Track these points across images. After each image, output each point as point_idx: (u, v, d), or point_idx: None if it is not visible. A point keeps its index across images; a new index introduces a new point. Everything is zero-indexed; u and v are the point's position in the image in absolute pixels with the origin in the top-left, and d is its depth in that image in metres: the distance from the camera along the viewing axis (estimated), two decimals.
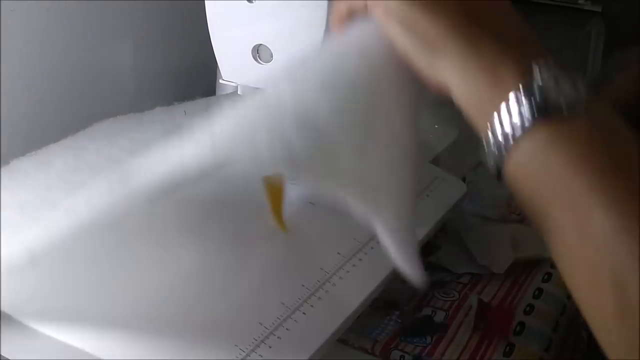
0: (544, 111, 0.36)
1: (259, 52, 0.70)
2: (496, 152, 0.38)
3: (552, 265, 0.83)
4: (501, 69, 0.38)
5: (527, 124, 0.36)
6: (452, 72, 0.40)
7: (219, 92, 0.99)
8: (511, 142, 0.37)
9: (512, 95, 0.37)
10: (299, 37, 0.68)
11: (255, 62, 0.71)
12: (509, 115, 0.37)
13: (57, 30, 0.83)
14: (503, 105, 0.37)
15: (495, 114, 0.37)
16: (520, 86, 0.37)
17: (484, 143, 0.39)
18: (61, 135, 0.71)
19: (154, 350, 0.48)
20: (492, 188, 0.91)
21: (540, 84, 0.37)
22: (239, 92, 0.75)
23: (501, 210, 0.92)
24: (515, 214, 0.92)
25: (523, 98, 0.37)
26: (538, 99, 0.36)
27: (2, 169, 0.64)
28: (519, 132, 0.37)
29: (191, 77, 1.03)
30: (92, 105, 0.90)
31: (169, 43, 1.01)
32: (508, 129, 0.37)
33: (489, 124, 0.38)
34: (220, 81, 0.77)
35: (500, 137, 0.38)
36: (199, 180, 0.44)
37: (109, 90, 0.94)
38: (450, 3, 0.40)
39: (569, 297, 0.81)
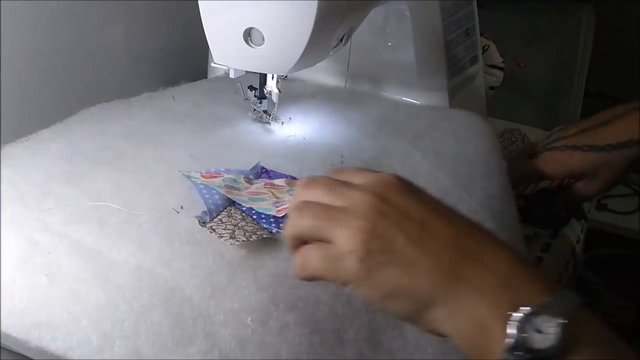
0: (534, 354, 0.39)
1: (251, 36, 0.71)
2: None
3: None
4: (488, 322, 0.41)
5: None
6: (444, 326, 0.43)
7: (210, 75, 1.00)
8: None
9: (502, 348, 0.40)
10: (291, 20, 0.69)
11: (246, 45, 0.71)
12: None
13: (48, 12, 0.84)
14: (498, 353, 0.40)
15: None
16: (506, 342, 0.39)
17: None
18: (51, 118, 0.73)
19: None
20: None
21: (525, 335, 0.39)
22: (230, 76, 0.76)
23: None
24: None
25: (516, 350, 0.39)
26: (523, 353, 0.39)
27: None
28: None
29: (182, 60, 1.04)
30: (83, 87, 0.92)
31: (160, 26, 1.02)
32: None
33: None
34: (212, 64, 0.78)
35: None
36: None
37: (100, 73, 0.95)
38: (427, 259, 0.43)
39: (558, 282, 0.83)
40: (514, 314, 0.39)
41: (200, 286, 0.51)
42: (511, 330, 0.39)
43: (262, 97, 0.80)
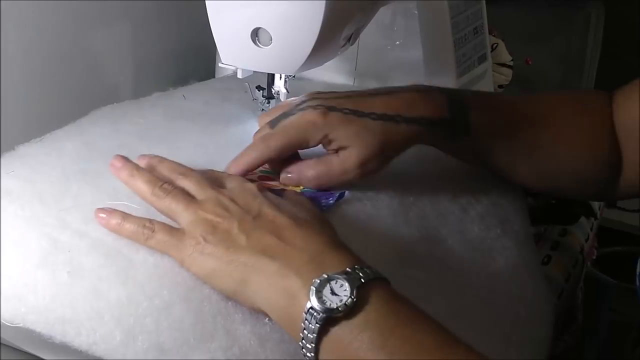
0: (328, 313, 0.46)
1: (258, 36, 0.72)
2: (307, 355, 0.48)
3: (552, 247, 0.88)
4: (295, 292, 0.48)
5: (314, 328, 0.46)
6: (259, 301, 0.51)
7: (218, 75, 1.02)
8: (312, 345, 0.47)
9: (304, 310, 0.47)
10: (298, 20, 0.69)
11: (254, 45, 0.72)
12: (307, 323, 0.47)
13: (57, 12, 0.86)
14: (302, 318, 0.47)
15: (302, 324, 0.47)
16: (307, 301, 0.47)
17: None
18: (60, 119, 0.74)
19: None
20: None
21: (321, 296, 0.47)
22: (238, 76, 0.78)
23: None
24: None
25: (311, 310, 0.47)
26: (318, 307, 0.46)
27: (8, 154, 0.67)
28: (313, 335, 0.47)
29: (190, 60, 1.06)
30: (93, 88, 0.93)
31: (168, 27, 1.04)
32: (309, 335, 0.47)
33: (300, 335, 0.47)
34: (220, 65, 0.79)
35: (306, 343, 0.47)
36: None
37: (108, 74, 0.96)
38: (248, 243, 0.52)
39: (566, 280, 0.85)
40: (314, 280, 0.47)
41: None
42: (311, 294, 0.47)
43: (270, 97, 0.81)
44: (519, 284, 0.64)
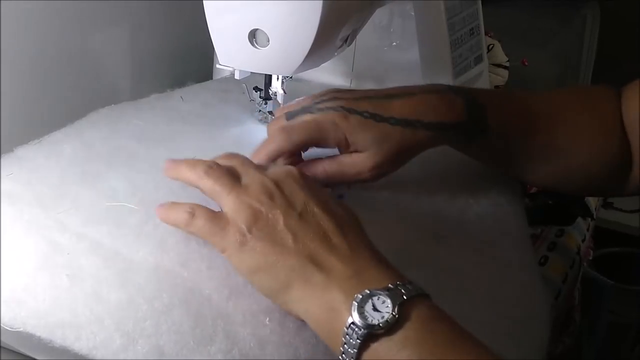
0: (369, 329, 0.46)
1: (256, 37, 0.72)
2: None
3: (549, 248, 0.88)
4: (337, 306, 0.48)
5: (355, 343, 0.46)
6: (298, 309, 0.50)
7: (215, 76, 1.02)
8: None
9: (345, 325, 0.47)
10: (296, 21, 0.69)
11: (251, 46, 0.72)
12: (348, 338, 0.47)
13: (54, 14, 0.85)
14: (343, 333, 0.47)
15: (343, 339, 0.47)
16: (349, 316, 0.47)
17: None
18: (58, 121, 0.74)
19: None
20: None
21: (362, 309, 0.47)
22: (236, 77, 0.78)
23: None
24: None
25: (352, 325, 0.47)
26: (359, 322, 0.46)
27: (7, 156, 0.67)
28: (354, 351, 0.46)
29: (188, 61, 1.06)
30: (90, 90, 0.93)
31: (165, 28, 1.04)
32: (349, 350, 0.47)
33: (340, 349, 0.47)
34: (217, 66, 0.79)
35: (347, 358, 0.47)
36: None
37: (106, 75, 0.96)
38: (295, 244, 0.51)
39: (563, 281, 0.85)
40: (357, 295, 0.47)
41: (218, 287, 0.53)
42: (353, 310, 0.47)
43: (267, 98, 0.82)
44: (517, 285, 0.64)
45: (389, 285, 0.48)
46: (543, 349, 0.61)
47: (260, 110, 0.83)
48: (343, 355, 0.47)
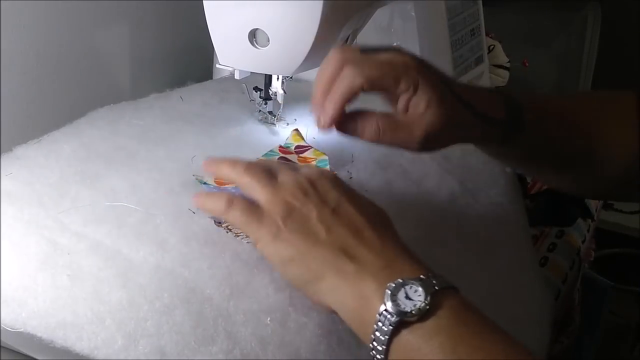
0: (401, 316, 0.47)
1: (256, 37, 0.72)
2: (377, 356, 0.48)
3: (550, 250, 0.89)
4: (369, 295, 0.49)
5: (387, 330, 0.48)
6: (330, 299, 0.51)
7: (215, 76, 1.02)
8: (384, 347, 0.48)
9: (378, 312, 0.48)
10: (296, 21, 0.70)
11: (251, 46, 0.72)
12: (380, 325, 0.48)
13: (53, 14, 0.86)
14: (375, 320, 0.48)
15: (375, 326, 0.48)
16: (381, 304, 0.48)
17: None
18: (57, 120, 0.74)
19: None
20: None
21: (394, 297, 0.48)
22: (236, 77, 0.78)
23: None
24: None
25: (385, 312, 0.48)
26: (392, 309, 0.47)
27: (6, 156, 0.67)
28: (385, 337, 0.48)
29: (188, 61, 1.06)
30: (90, 89, 0.93)
31: (165, 28, 1.04)
32: (381, 337, 0.48)
33: (371, 337, 0.48)
34: (217, 66, 0.79)
35: (377, 345, 0.48)
36: None
37: (105, 75, 0.96)
38: (328, 236, 0.52)
39: (563, 282, 0.86)
40: (390, 284, 0.48)
41: (219, 287, 0.53)
42: (386, 298, 0.48)
43: (267, 98, 0.82)
44: (517, 285, 0.64)
45: (421, 275, 0.49)
46: (543, 349, 0.62)
47: (260, 110, 0.83)
48: (374, 342, 0.48)
